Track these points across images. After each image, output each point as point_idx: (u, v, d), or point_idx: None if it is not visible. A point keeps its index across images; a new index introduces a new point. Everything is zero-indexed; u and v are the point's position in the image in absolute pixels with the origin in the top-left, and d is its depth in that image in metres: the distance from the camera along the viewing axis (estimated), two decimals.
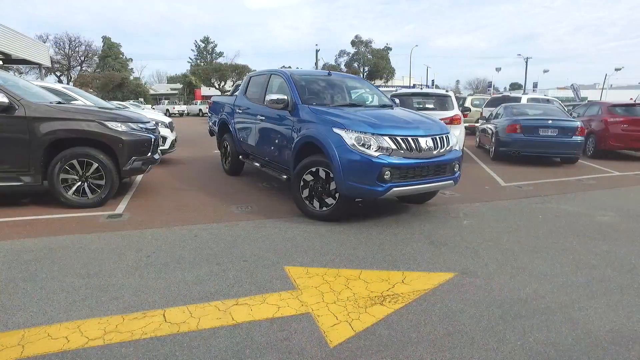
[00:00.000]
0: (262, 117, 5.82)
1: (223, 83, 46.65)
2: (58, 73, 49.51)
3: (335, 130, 4.34)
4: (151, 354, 2.17)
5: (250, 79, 6.91)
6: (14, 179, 4.72)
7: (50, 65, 28.26)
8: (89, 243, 3.78)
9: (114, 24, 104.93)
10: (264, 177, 7.06)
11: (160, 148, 6.49)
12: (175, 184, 6.54)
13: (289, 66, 37.71)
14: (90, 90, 39.54)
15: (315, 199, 4.61)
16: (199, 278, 3.08)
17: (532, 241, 4.06)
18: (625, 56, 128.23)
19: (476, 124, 13.31)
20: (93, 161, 4.89)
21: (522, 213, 5.12)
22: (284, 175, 5.30)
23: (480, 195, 5.99)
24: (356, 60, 59.89)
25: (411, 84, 47.99)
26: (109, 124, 4.94)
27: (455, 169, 4.72)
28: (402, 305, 2.72)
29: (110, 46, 54.98)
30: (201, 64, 58.15)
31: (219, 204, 5.32)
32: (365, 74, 56.66)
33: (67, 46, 50.00)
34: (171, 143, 8.57)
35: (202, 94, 48.02)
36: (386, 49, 60.73)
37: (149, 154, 5.37)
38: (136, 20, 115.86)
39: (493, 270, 3.32)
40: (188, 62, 63.28)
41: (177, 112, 41.17)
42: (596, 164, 9.44)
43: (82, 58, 52.54)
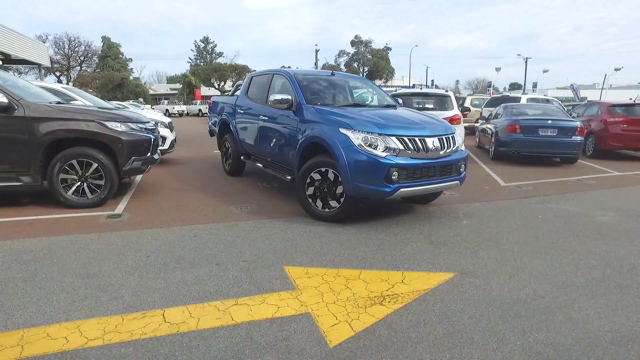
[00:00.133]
0: (265, 118, 5.78)
1: (223, 83, 46.62)
2: (58, 73, 49.51)
3: (341, 131, 4.29)
4: (151, 354, 2.17)
5: (251, 79, 6.86)
6: (14, 179, 4.72)
7: (49, 65, 28.28)
8: (89, 243, 3.78)
9: (114, 24, 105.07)
10: (263, 177, 7.06)
11: (159, 148, 6.49)
12: (175, 184, 6.54)
13: (289, 66, 37.70)
14: (90, 90, 39.55)
15: (320, 200, 4.57)
16: (198, 278, 3.08)
17: (532, 241, 4.06)
18: (625, 56, 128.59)
19: (476, 124, 13.32)
20: (92, 161, 4.89)
21: (522, 213, 5.12)
22: (287, 176, 5.25)
23: (480, 195, 5.99)
24: (356, 60, 59.96)
25: (411, 84, 48.08)
26: (108, 124, 4.94)
27: (461, 169, 4.70)
28: (402, 305, 2.72)
29: (109, 46, 54.97)
30: (201, 64, 58.17)
31: (219, 204, 5.32)
32: (364, 74, 56.67)
33: (67, 46, 50.08)
34: (171, 143, 8.57)
35: (202, 94, 48.05)
36: (386, 49, 60.81)
37: (149, 154, 5.37)
38: (136, 20, 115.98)
39: (493, 270, 3.32)
40: (188, 62, 63.43)
41: (177, 112, 41.17)
42: (596, 164, 9.45)
43: (82, 58, 52.56)
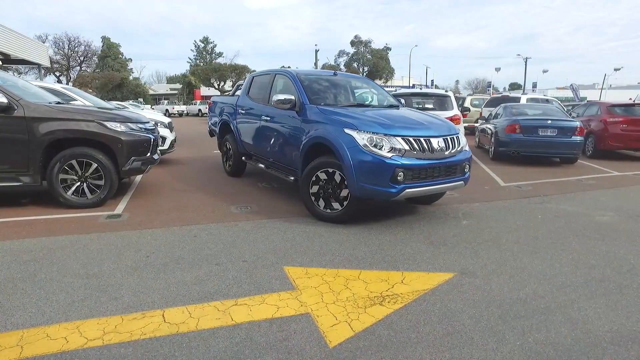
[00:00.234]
0: (267, 118, 5.74)
1: (222, 83, 46.63)
2: (57, 73, 49.50)
3: (346, 131, 4.26)
4: (150, 354, 2.16)
5: (253, 78, 6.81)
6: (13, 179, 4.72)
7: (49, 65, 28.27)
8: (88, 243, 3.78)
9: (114, 24, 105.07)
10: (263, 178, 7.06)
11: (159, 148, 6.49)
12: (175, 184, 6.54)
13: (289, 66, 37.71)
14: (90, 90, 39.56)
15: (324, 201, 4.54)
16: (198, 278, 3.08)
17: (532, 241, 4.06)
18: (625, 56, 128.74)
19: (475, 124, 13.33)
20: (92, 161, 4.88)
21: (522, 213, 5.12)
22: (291, 177, 5.22)
23: (480, 195, 5.99)
24: (355, 60, 60.00)
25: (410, 84, 48.11)
26: (108, 124, 4.94)
27: (465, 169, 4.69)
28: (402, 306, 2.72)
29: (109, 46, 54.98)
30: (200, 64, 58.21)
31: (219, 204, 5.32)
32: (364, 74, 56.68)
33: (67, 46, 50.06)
34: (170, 143, 8.57)
35: (202, 94, 48.04)
36: (386, 49, 60.85)
37: (148, 154, 5.37)
38: (136, 20, 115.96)
39: (492, 270, 3.32)
40: (187, 62, 63.50)
41: (177, 112, 41.16)
42: (595, 164, 9.45)
43: (82, 58, 52.54)
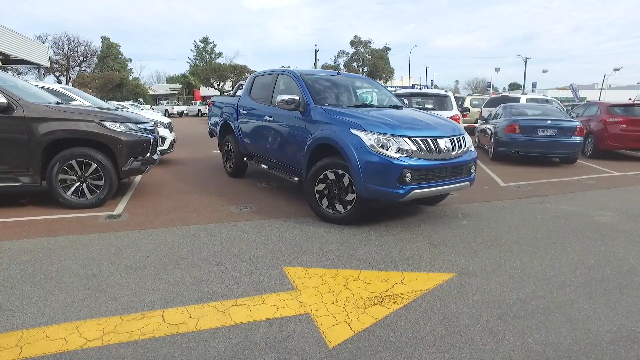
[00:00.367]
0: (270, 118, 5.69)
1: (222, 83, 46.67)
2: (57, 73, 49.48)
3: (353, 132, 4.21)
4: (150, 354, 2.16)
5: (254, 78, 6.76)
6: (13, 179, 4.71)
7: (49, 65, 28.20)
8: (88, 244, 3.78)
9: (113, 24, 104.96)
10: (263, 178, 7.06)
11: (159, 148, 6.49)
12: (174, 185, 6.54)
13: (288, 66, 37.73)
14: (89, 90, 39.56)
15: (330, 202, 4.51)
16: (197, 279, 3.08)
17: (531, 241, 4.06)
18: (624, 56, 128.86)
19: (475, 124, 13.34)
20: (92, 162, 4.88)
21: (521, 213, 5.12)
22: (295, 178, 5.17)
23: (479, 196, 5.99)
24: (355, 60, 60.01)
25: (410, 84, 48.14)
26: (107, 125, 4.93)
27: (471, 170, 4.67)
28: (401, 306, 2.72)
29: (109, 46, 54.98)
30: (200, 64, 58.23)
31: (218, 204, 5.32)
32: (364, 74, 56.68)
33: (66, 46, 50.05)
34: (170, 143, 8.57)
35: (201, 95, 48.05)
36: (385, 49, 60.90)
37: (148, 155, 5.37)
38: (135, 20, 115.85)
39: (492, 271, 3.32)
40: (187, 63, 63.54)
41: (176, 113, 41.16)
42: (595, 164, 9.45)
43: (81, 58, 52.53)
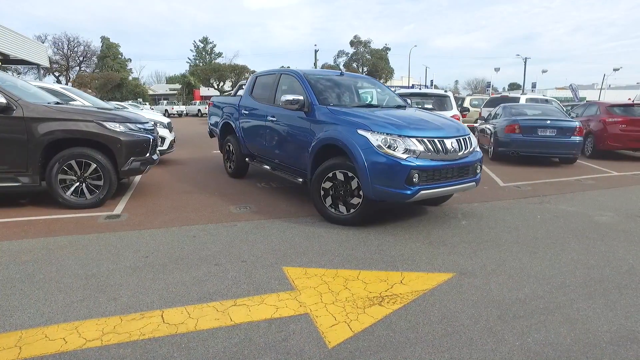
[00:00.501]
0: (273, 118, 5.64)
1: (222, 83, 46.66)
2: (57, 73, 49.46)
3: (360, 132, 4.18)
4: (149, 355, 2.16)
5: (256, 78, 6.70)
6: (12, 179, 4.71)
7: (48, 65, 28.23)
8: (87, 244, 3.77)
9: (113, 24, 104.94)
10: (262, 178, 7.06)
11: (158, 148, 6.48)
12: (174, 185, 6.54)
13: (288, 66, 37.72)
14: (89, 90, 39.53)
15: (336, 203, 4.48)
16: (197, 279, 3.07)
17: (531, 241, 4.06)
18: (624, 56, 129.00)
19: (475, 124, 13.34)
20: (91, 162, 4.88)
21: (521, 213, 5.12)
22: (299, 178, 5.13)
23: (479, 196, 5.99)
24: (355, 60, 60.00)
25: (410, 84, 48.15)
26: (107, 125, 4.93)
27: (477, 170, 4.65)
28: (401, 306, 2.71)
29: (109, 46, 54.96)
30: (200, 64, 58.22)
31: (218, 204, 5.32)
32: (364, 74, 56.68)
33: (66, 46, 50.03)
34: (170, 143, 8.57)
35: (201, 95, 48.06)
36: (385, 49, 60.90)
37: (148, 155, 5.37)
38: (135, 20, 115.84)
39: (492, 271, 3.32)
40: (187, 63, 63.53)
41: (176, 113, 41.16)
42: (594, 164, 9.46)
43: (81, 58, 52.51)
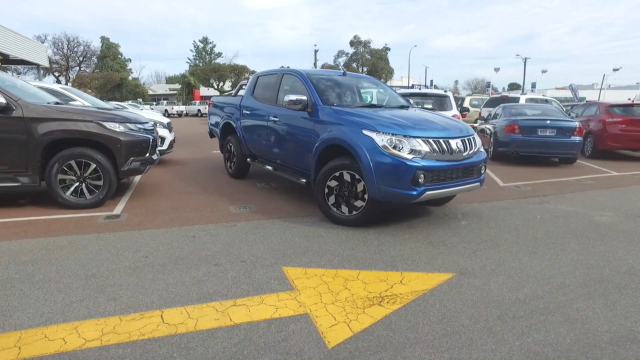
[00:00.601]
0: (275, 119, 5.61)
1: (222, 83, 46.65)
2: (56, 73, 49.46)
3: (365, 133, 4.15)
4: (149, 355, 2.16)
5: (257, 78, 6.67)
6: (12, 179, 4.71)
7: (48, 65, 28.24)
8: (87, 244, 3.77)
9: (113, 24, 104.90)
10: (262, 178, 7.06)
11: (158, 148, 6.48)
12: (174, 185, 6.53)
13: (288, 66, 37.70)
14: (89, 90, 39.56)
15: (342, 203, 4.44)
16: (196, 279, 3.07)
17: (530, 241, 4.06)
18: (624, 56, 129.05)
19: (475, 124, 13.33)
20: (91, 162, 4.88)
21: (521, 213, 5.12)
22: (302, 179, 5.11)
23: (479, 196, 5.99)
24: (355, 60, 60.00)
25: (410, 84, 48.17)
26: (106, 125, 4.93)
27: (481, 170, 4.65)
28: (401, 306, 2.71)
29: (108, 46, 54.96)
30: (200, 65, 58.23)
31: (217, 204, 5.31)
32: (364, 74, 56.71)
33: (66, 46, 50.08)
34: (169, 143, 8.57)
35: (201, 95, 48.06)
36: (385, 49, 60.90)
37: (147, 155, 5.37)
38: (135, 20, 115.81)
39: (491, 271, 3.32)
40: (187, 63, 63.55)
41: (176, 113, 41.16)
42: (594, 164, 9.46)
43: (81, 58, 52.55)
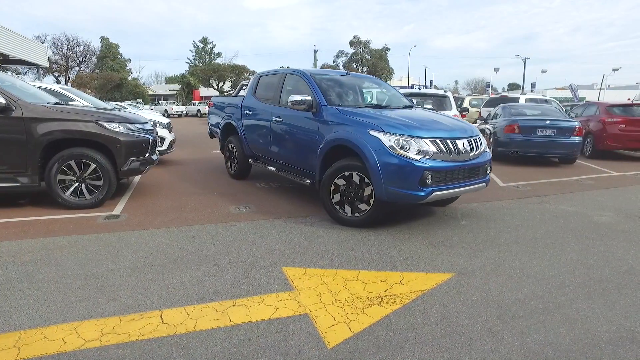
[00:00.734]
0: (278, 119, 5.57)
1: (222, 83, 46.64)
2: (56, 73, 49.43)
3: (372, 133, 4.12)
4: (148, 355, 2.16)
5: (259, 78, 6.63)
6: (11, 179, 4.71)
7: (48, 65, 28.23)
8: (87, 244, 3.77)
9: (113, 24, 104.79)
10: (262, 178, 7.06)
11: (158, 149, 6.48)
12: (173, 185, 6.53)
13: (288, 66, 37.71)
14: (89, 90, 39.53)
15: (348, 205, 4.39)
16: (196, 279, 3.07)
17: (530, 241, 4.06)
18: (623, 56, 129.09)
19: (474, 125, 13.34)
20: (90, 162, 4.88)
21: (520, 213, 5.12)
22: (306, 180, 5.08)
23: (478, 196, 5.98)
24: (354, 60, 59.98)
25: (409, 84, 48.20)
26: (106, 125, 4.93)
27: (487, 171, 4.65)
28: (400, 306, 2.71)
29: (108, 46, 54.90)
30: (200, 65, 58.20)
31: (217, 204, 5.31)
32: (364, 74, 56.69)
33: (65, 46, 50.00)
34: (169, 143, 8.58)
35: (201, 95, 48.06)
36: (384, 49, 60.86)
37: (147, 155, 5.37)
38: (135, 20, 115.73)
39: (491, 271, 3.32)
40: (186, 63, 63.50)
41: (176, 113, 41.15)
42: (594, 164, 9.46)
43: (80, 58, 52.47)
